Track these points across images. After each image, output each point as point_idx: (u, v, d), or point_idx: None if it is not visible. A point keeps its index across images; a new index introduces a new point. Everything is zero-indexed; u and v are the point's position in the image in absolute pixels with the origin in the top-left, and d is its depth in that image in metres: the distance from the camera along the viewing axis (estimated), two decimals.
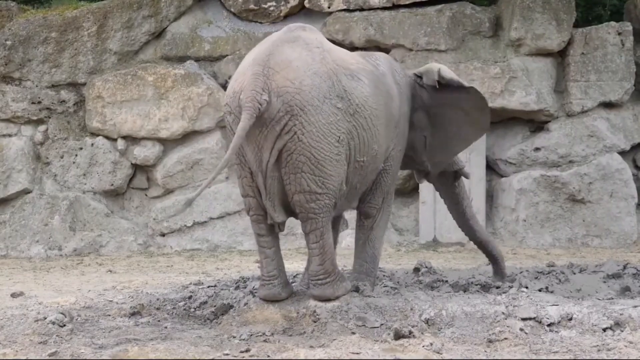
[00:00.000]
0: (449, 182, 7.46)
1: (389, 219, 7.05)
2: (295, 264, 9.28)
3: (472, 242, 7.81)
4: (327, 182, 5.99)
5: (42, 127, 12.04)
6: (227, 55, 12.27)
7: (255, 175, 6.02)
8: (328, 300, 6.11)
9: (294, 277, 7.37)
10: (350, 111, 6.07)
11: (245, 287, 6.81)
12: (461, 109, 6.99)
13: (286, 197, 6.05)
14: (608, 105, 12.29)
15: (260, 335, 5.81)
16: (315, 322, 5.97)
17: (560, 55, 12.31)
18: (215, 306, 6.44)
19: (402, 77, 6.86)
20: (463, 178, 7.51)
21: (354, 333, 5.77)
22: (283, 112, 5.86)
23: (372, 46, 11.97)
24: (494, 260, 7.61)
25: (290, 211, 6.16)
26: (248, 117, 5.79)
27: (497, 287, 7.21)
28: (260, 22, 12.40)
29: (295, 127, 5.87)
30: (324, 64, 6.03)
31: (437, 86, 6.90)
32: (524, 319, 5.80)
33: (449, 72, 6.98)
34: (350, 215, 11.26)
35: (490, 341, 5.64)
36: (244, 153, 6.02)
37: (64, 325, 6.05)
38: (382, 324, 5.89)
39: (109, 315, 6.53)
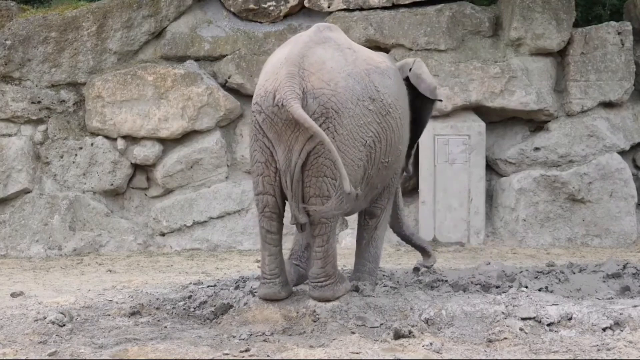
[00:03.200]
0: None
1: (389, 219, 7.05)
2: None
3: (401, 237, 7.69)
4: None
5: (41, 127, 12.03)
6: (226, 55, 12.27)
7: (283, 175, 5.99)
8: (328, 301, 6.12)
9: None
10: (383, 112, 6.06)
11: (245, 287, 6.81)
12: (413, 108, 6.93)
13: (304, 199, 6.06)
14: (608, 105, 12.30)
15: (260, 335, 5.81)
16: (315, 321, 5.98)
17: (560, 55, 12.31)
18: (215, 306, 6.44)
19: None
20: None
21: (353, 333, 5.78)
22: (318, 114, 5.84)
23: (372, 46, 11.95)
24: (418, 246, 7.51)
25: None
26: (297, 105, 5.71)
27: (497, 287, 7.22)
28: (260, 22, 12.40)
29: (328, 129, 5.85)
30: (356, 65, 6.03)
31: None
32: (523, 319, 5.81)
33: (422, 71, 6.90)
34: (350, 215, 11.29)
35: (490, 341, 5.64)
36: (273, 152, 6.00)
37: (64, 325, 6.06)
38: (381, 324, 5.89)
39: (109, 315, 6.54)
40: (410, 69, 6.90)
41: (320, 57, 5.96)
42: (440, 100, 7.16)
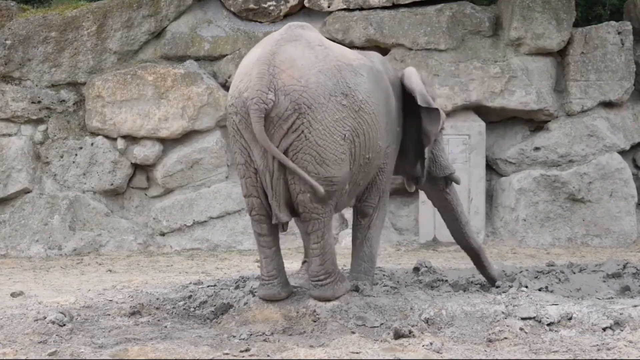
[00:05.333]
0: (439, 188, 7.32)
1: (385, 218, 7.03)
2: (295, 264, 9.27)
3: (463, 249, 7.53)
4: (330, 181, 6.00)
5: (41, 127, 12.03)
6: (227, 54, 12.27)
7: (262, 174, 6.01)
8: (328, 300, 6.12)
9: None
10: (355, 108, 6.07)
11: (245, 287, 6.81)
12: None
13: (291, 197, 6.05)
14: (608, 104, 12.30)
15: (260, 335, 5.81)
16: (315, 321, 5.97)
17: (560, 55, 12.31)
18: (215, 306, 6.44)
19: (394, 78, 6.88)
20: (454, 184, 7.40)
21: (353, 332, 5.77)
22: (291, 111, 5.86)
23: (372, 45, 11.97)
24: (485, 269, 7.38)
25: (295, 211, 6.16)
26: (257, 119, 5.79)
27: (497, 287, 7.22)
28: (260, 22, 12.40)
29: (303, 125, 5.87)
30: (327, 61, 6.04)
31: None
32: (523, 319, 5.80)
33: (416, 81, 6.85)
34: (350, 215, 11.28)
35: (490, 341, 5.64)
36: (250, 153, 6.02)
37: (64, 325, 6.05)
38: (382, 324, 5.89)
39: (109, 314, 6.53)
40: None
41: (290, 55, 5.98)
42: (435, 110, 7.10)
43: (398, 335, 5.63)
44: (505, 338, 5.64)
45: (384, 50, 11.81)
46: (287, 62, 5.95)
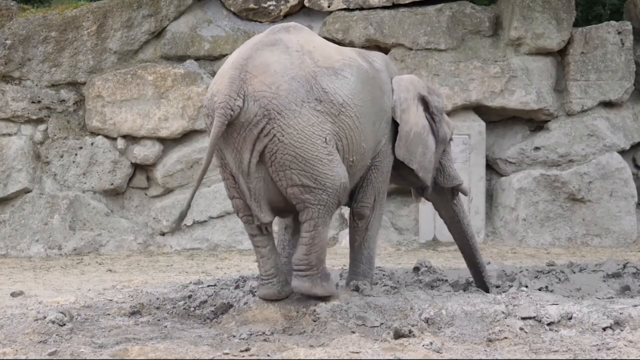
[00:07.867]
0: (446, 199, 7.29)
1: (382, 217, 6.99)
2: None
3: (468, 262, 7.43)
4: (321, 179, 5.95)
5: (42, 127, 12.03)
6: (227, 54, 12.25)
7: (236, 176, 6.00)
8: (302, 293, 6.08)
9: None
10: (334, 112, 6.00)
11: (245, 287, 6.81)
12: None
13: (272, 197, 6.01)
14: (608, 104, 12.30)
15: (260, 335, 5.81)
16: (315, 321, 5.97)
17: (560, 55, 12.31)
18: (215, 305, 6.44)
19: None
20: (461, 195, 7.35)
21: (353, 332, 5.77)
22: (260, 116, 5.83)
23: (372, 45, 11.97)
24: (483, 284, 7.27)
25: (276, 211, 6.14)
26: (219, 125, 5.80)
27: (497, 287, 7.22)
28: (260, 22, 12.40)
29: (274, 129, 5.83)
30: (302, 68, 5.97)
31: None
32: (523, 318, 5.80)
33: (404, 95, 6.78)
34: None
35: (490, 340, 5.64)
36: (223, 156, 6.01)
37: (64, 325, 6.05)
38: (382, 323, 5.89)
39: (109, 314, 6.53)
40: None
41: (265, 60, 5.95)
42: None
43: (398, 335, 5.63)
44: (505, 338, 5.64)
45: (384, 50, 11.80)
46: (261, 67, 5.91)
